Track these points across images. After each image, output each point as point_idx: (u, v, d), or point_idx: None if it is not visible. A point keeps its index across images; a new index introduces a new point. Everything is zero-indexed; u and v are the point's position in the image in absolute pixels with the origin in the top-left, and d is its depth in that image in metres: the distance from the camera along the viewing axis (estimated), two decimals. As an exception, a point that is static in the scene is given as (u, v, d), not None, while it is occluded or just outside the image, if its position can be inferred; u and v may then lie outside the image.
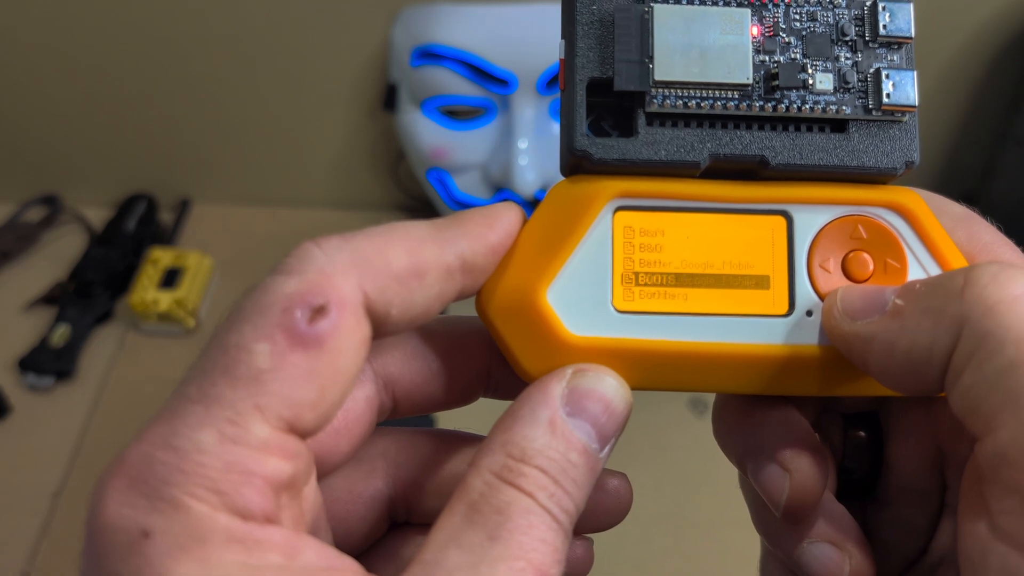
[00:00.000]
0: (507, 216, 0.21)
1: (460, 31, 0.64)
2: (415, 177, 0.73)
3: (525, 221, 0.21)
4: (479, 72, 0.64)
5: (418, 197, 0.78)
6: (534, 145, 0.64)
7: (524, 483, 0.18)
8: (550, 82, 0.64)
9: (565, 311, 0.20)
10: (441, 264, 0.19)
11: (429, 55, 0.65)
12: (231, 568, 0.15)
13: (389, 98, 0.70)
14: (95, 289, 0.74)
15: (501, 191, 0.67)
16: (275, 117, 0.77)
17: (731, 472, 0.24)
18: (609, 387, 0.20)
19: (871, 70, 0.21)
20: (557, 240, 0.21)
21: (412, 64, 0.66)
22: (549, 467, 0.18)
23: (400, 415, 0.23)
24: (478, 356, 0.23)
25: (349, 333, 0.17)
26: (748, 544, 0.66)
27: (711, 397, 0.82)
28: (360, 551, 0.23)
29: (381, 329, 0.19)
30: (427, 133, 0.67)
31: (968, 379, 0.17)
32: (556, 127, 0.66)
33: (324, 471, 0.21)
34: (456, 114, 0.67)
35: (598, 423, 0.19)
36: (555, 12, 0.73)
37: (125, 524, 0.15)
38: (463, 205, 0.69)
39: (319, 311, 0.17)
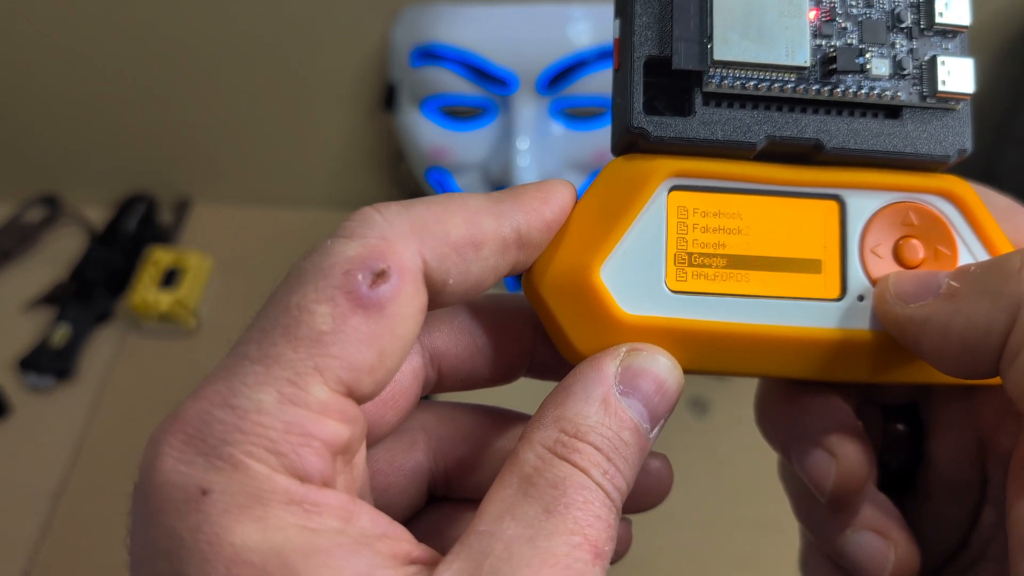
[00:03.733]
0: (561, 192, 0.21)
1: (460, 31, 0.64)
2: (415, 177, 0.73)
3: (577, 199, 0.21)
4: (479, 72, 0.64)
5: (418, 197, 0.78)
6: (534, 145, 0.64)
7: (578, 459, 0.17)
8: (550, 82, 0.64)
9: (618, 289, 0.20)
10: (498, 236, 0.19)
11: (429, 55, 0.65)
12: (289, 530, 0.15)
13: (389, 98, 0.70)
14: (95, 289, 0.73)
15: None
16: (275, 117, 0.77)
17: (730, 472, 0.24)
18: (663, 367, 0.19)
19: (926, 57, 0.21)
20: (611, 218, 0.20)
21: (412, 64, 0.66)
22: (602, 444, 0.18)
23: (443, 390, 0.23)
24: (524, 335, 0.23)
25: (409, 299, 0.17)
26: (748, 544, 0.66)
27: (710, 398, 0.81)
28: (400, 523, 0.23)
29: (436, 299, 0.19)
30: (427, 133, 0.67)
31: None
32: (556, 127, 0.66)
33: (369, 442, 0.21)
34: (456, 114, 0.67)
35: (651, 403, 0.19)
36: (555, 12, 0.73)
37: (183, 481, 0.15)
38: (463, 205, 0.69)
39: (380, 275, 0.17)
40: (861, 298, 0.21)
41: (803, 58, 0.20)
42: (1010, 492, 0.18)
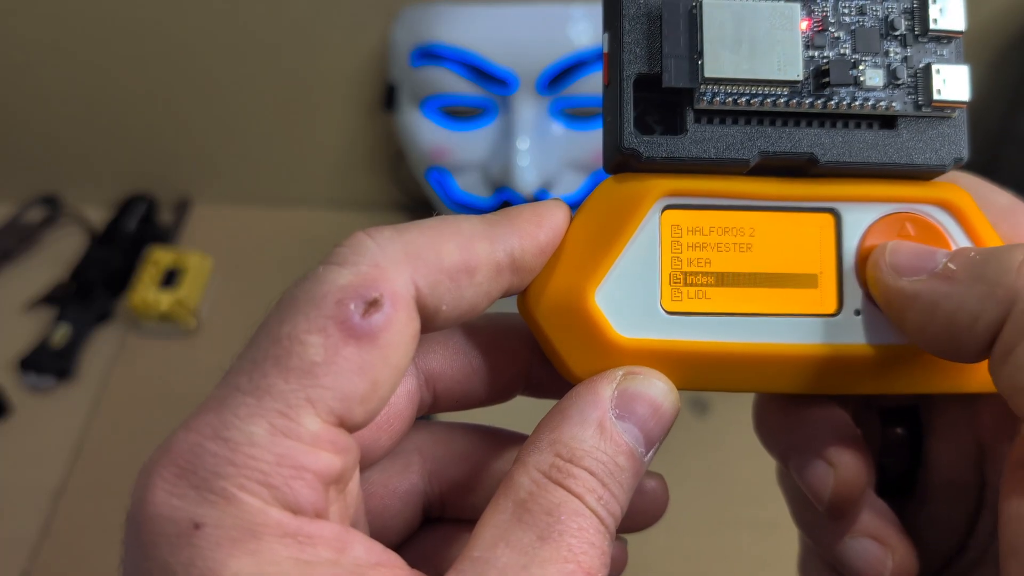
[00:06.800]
0: (556, 215, 0.20)
1: (460, 31, 0.64)
2: (415, 177, 0.73)
3: (571, 219, 0.21)
4: (479, 72, 0.64)
5: (417, 197, 0.78)
6: (534, 145, 0.64)
7: (573, 484, 0.17)
8: (550, 82, 0.64)
9: (613, 312, 0.20)
10: (492, 261, 0.19)
11: (429, 55, 0.65)
12: (283, 563, 0.15)
13: (389, 98, 0.70)
14: (95, 289, 0.73)
15: (501, 191, 0.67)
16: (275, 117, 0.77)
17: (730, 473, 0.24)
18: (659, 391, 0.19)
19: (920, 65, 0.21)
20: (605, 240, 0.20)
21: (412, 64, 0.66)
22: (597, 469, 0.18)
23: (438, 411, 0.23)
24: (520, 355, 0.22)
25: (402, 328, 0.17)
26: (749, 544, 0.66)
27: (711, 398, 0.81)
28: (394, 546, 0.23)
29: (429, 324, 0.19)
30: (427, 133, 0.67)
31: (1021, 357, 0.17)
32: (556, 127, 0.66)
33: (363, 465, 0.21)
34: (456, 114, 0.67)
35: (646, 427, 0.19)
36: (555, 12, 0.72)
37: (175, 515, 0.15)
38: (462, 205, 0.69)
39: (373, 304, 0.17)
40: (858, 312, 0.21)
41: (795, 72, 0.20)
42: (1003, 491, 0.18)
